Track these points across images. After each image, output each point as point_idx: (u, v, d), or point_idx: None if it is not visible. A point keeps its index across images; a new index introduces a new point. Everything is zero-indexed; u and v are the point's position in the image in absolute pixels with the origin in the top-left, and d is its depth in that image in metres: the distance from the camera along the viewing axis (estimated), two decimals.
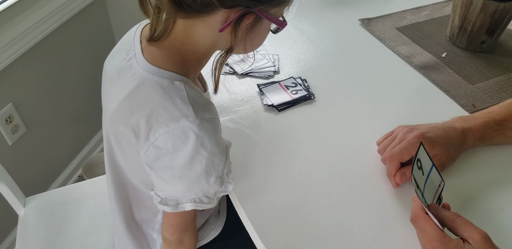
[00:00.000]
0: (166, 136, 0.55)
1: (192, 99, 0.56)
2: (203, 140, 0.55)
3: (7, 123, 1.25)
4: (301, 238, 0.59)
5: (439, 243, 0.50)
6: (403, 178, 0.65)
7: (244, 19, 0.53)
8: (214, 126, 0.57)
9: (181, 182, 0.58)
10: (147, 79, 0.57)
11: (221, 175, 0.60)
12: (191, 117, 0.55)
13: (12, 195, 0.96)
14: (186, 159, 0.56)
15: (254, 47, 0.62)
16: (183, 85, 0.57)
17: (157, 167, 0.59)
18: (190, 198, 0.60)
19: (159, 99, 0.56)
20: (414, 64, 0.92)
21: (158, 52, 0.59)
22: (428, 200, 0.56)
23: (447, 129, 0.68)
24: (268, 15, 0.55)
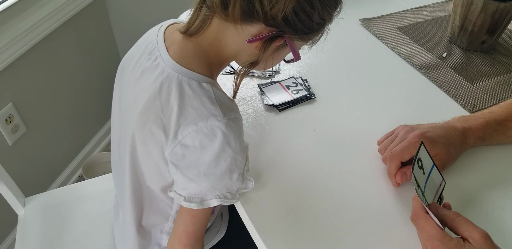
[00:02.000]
0: (194, 134, 0.57)
1: (219, 100, 0.59)
2: (229, 138, 0.57)
3: (7, 123, 1.25)
4: (302, 237, 0.59)
5: (440, 242, 0.50)
6: (403, 178, 0.65)
7: (276, 41, 0.57)
8: (239, 125, 0.60)
9: (207, 179, 0.60)
10: (176, 79, 0.59)
11: (242, 172, 0.61)
12: (219, 116, 0.57)
13: (11, 195, 0.96)
14: (212, 156, 0.58)
15: (267, 67, 0.65)
16: (210, 87, 0.59)
17: (183, 164, 0.60)
18: (214, 194, 0.61)
19: (189, 99, 0.58)
20: (415, 64, 0.92)
21: (185, 51, 0.61)
22: (429, 199, 0.56)
23: (448, 129, 0.68)
24: (292, 43, 0.59)
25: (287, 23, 0.55)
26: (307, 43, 0.63)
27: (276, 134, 0.76)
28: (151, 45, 0.64)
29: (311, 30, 0.58)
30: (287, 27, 0.55)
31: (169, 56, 0.60)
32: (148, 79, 0.62)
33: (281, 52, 0.62)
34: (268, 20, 0.54)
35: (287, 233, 0.60)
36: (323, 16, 0.57)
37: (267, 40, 0.57)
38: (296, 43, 0.60)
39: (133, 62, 0.66)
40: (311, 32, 0.59)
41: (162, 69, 0.60)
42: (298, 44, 0.62)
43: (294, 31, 0.56)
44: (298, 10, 0.54)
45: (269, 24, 0.55)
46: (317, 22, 0.57)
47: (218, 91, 0.60)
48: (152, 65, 0.62)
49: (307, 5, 0.54)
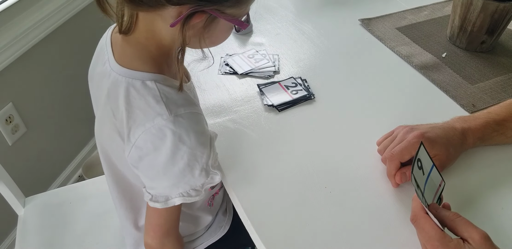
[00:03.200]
0: (144, 136, 0.57)
1: (165, 97, 0.57)
2: (181, 135, 0.56)
3: (7, 123, 1.25)
4: (301, 237, 0.59)
5: (439, 242, 0.50)
6: (403, 178, 0.65)
7: (193, 18, 0.53)
8: (190, 120, 0.58)
9: (166, 178, 0.60)
10: (121, 82, 0.58)
11: (206, 167, 0.60)
12: (165, 115, 0.56)
13: (11, 195, 0.96)
14: (167, 156, 0.57)
15: (210, 45, 0.62)
16: (154, 84, 0.58)
17: (142, 166, 0.60)
18: (178, 192, 0.61)
19: (134, 100, 0.57)
20: (414, 64, 0.92)
21: (127, 51, 0.60)
22: (429, 200, 0.56)
23: (447, 129, 0.68)
24: (225, 15, 0.55)
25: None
26: (242, 6, 0.56)
27: (276, 134, 0.76)
28: (103, 49, 0.65)
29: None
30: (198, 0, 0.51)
31: (114, 60, 0.60)
32: (101, 85, 0.63)
33: (214, 28, 0.57)
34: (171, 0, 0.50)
35: (286, 233, 0.60)
36: None
37: (185, 19, 0.52)
38: (229, 12, 0.55)
39: (95, 69, 0.67)
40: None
41: (109, 73, 0.60)
42: (233, 11, 0.55)
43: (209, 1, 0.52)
44: None
45: (176, 3, 0.51)
46: None
47: (164, 87, 0.58)
48: (102, 70, 0.62)
49: None
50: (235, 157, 0.72)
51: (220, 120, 0.79)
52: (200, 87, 0.87)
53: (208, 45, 0.61)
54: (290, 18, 1.09)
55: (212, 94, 0.85)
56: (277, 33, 1.03)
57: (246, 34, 1.03)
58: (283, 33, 1.03)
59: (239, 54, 0.95)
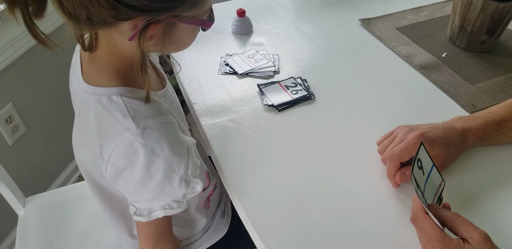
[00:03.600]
0: (116, 153, 0.56)
1: (132, 110, 0.56)
2: (153, 148, 0.55)
3: (7, 123, 1.25)
4: (301, 238, 0.59)
5: (439, 242, 0.50)
6: (403, 178, 0.65)
7: (149, 29, 0.51)
8: (161, 131, 0.57)
9: (146, 192, 0.59)
10: (88, 100, 0.58)
11: (185, 177, 0.59)
12: (132, 129, 0.55)
13: (11, 195, 0.96)
14: (143, 170, 0.56)
15: (178, 50, 0.61)
16: (120, 98, 0.57)
17: (120, 182, 0.60)
18: (160, 205, 0.60)
19: (102, 117, 0.57)
20: (414, 64, 0.92)
21: (93, 68, 0.60)
22: (429, 200, 0.56)
23: (447, 129, 0.68)
24: (183, 19, 0.53)
25: (138, 10, 0.48)
26: (198, 7, 0.53)
27: (276, 134, 0.76)
28: (74, 66, 0.64)
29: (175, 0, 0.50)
30: (147, 12, 0.49)
31: (82, 78, 0.60)
32: (74, 102, 0.62)
33: (175, 33, 0.55)
34: (120, 17, 0.48)
35: (286, 233, 0.60)
36: None
37: (141, 31, 0.50)
38: (187, 14, 0.53)
39: (70, 85, 0.66)
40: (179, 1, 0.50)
41: (78, 92, 0.60)
42: (191, 13, 0.53)
43: (160, 10, 0.49)
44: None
45: (126, 18, 0.49)
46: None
47: (131, 100, 0.57)
48: (73, 88, 0.62)
49: None
50: (235, 157, 0.72)
51: (220, 120, 0.79)
52: (200, 87, 0.87)
53: (175, 51, 0.61)
54: (290, 18, 1.09)
55: (212, 94, 0.85)
56: (277, 33, 1.03)
57: (246, 34, 1.03)
58: (283, 33, 1.03)
59: (239, 54, 0.95)
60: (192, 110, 0.83)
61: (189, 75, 0.90)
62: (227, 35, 1.03)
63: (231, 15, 1.02)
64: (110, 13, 0.47)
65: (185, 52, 0.96)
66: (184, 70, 0.92)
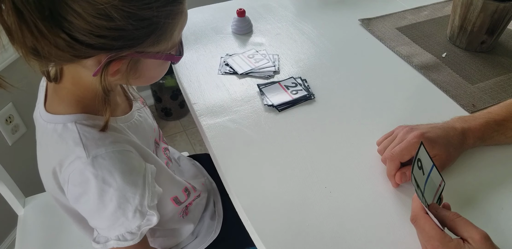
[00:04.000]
0: (71, 179, 0.56)
1: (85, 138, 0.55)
2: (104, 177, 0.54)
3: (7, 123, 1.25)
4: (301, 238, 0.59)
5: (439, 242, 0.50)
6: (403, 178, 0.65)
7: (111, 66, 0.50)
8: (113, 160, 0.55)
9: (101, 220, 0.58)
10: (46, 128, 0.58)
11: (141, 208, 0.58)
12: (83, 158, 0.54)
13: (11, 195, 0.96)
14: (95, 199, 0.55)
15: (146, 83, 0.60)
16: (75, 126, 0.56)
17: (80, 207, 0.60)
18: (115, 235, 0.59)
19: (57, 145, 0.56)
20: (414, 64, 0.92)
21: (55, 97, 0.60)
22: (429, 200, 0.56)
23: (447, 129, 0.68)
24: (149, 54, 0.51)
25: (98, 48, 0.47)
26: (163, 42, 0.52)
27: (276, 134, 0.76)
28: (39, 93, 0.64)
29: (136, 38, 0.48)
30: (109, 50, 0.47)
31: (43, 106, 0.60)
32: (36, 130, 0.62)
33: (142, 67, 0.54)
34: (81, 54, 0.47)
35: (286, 233, 0.60)
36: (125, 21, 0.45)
37: (104, 67, 0.50)
38: (152, 49, 0.51)
39: (34, 113, 0.66)
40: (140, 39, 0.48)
41: (38, 120, 0.60)
42: (158, 48, 0.52)
43: (123, 47, 0.48)
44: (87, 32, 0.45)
45: (87, 56, 0.48)
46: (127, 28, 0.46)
47: (85, 128, 0.56)
48: (35, 115, 0.62)
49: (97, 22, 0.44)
50: (235, 157, 0.72)
51: (220, 120, 0.79)
52: (200, 87, 0.87)
53: (144, 84, 0.60)
54: (290, 18, 1.09)
55: (212, 94, 0.85)
56: (277, 33, 1.03)
57: (246, 34, 1.03)
58: (283, 33, 1.03)
59: (239, 54, 0.95)
60: (192, 110, 0.83)
61: (189, 75, 0.90)
62: (227, 35, 1.03)
63: (231, 15, 1.02)
64: (70, 53, 0.46)
65: (185, 52, 0.96)
66: (184, 70, 0.92)
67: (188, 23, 0.59)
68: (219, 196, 0.92)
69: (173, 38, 0.53)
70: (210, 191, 0.93)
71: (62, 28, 0.44)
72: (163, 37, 0.50)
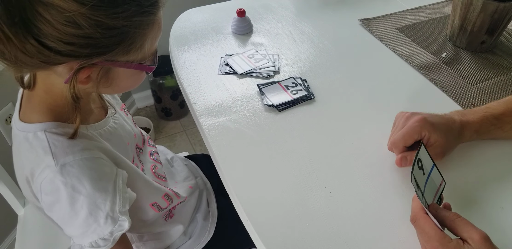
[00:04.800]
0: (43, 188, 0.56)
1: (54, 146, 0.56)
2: (73, 185, 0.55)
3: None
4: (301, 238, 0.59)
5: (439, 243, 0.50)
6: (403, 162, 0.66)
7: (80, 74, 0.50)
8: (81, 167, 0.56)
9: (74, 228, 0.58)
10: (18, 137, 0.59)
11: (112, 214, 0.58)
12: (51, 166, 0.55)
13: (11, 195, 0.96)
14: (67, 207, 0.56)
15: (120, 91, 0.60)
16: (44, 134, 0.57)
17: (53, 215, 0.60)
18: (88, 242, 0.59)
19: (28, 154, 0.57)
20: (414, 64, 0.92)
21: (28, 105, 0.60)
22: (429, 200, 0.56)
23: (446, 119, 0.68)
24: (120, 63, 0.52)
25: (67, 55, 0.47)
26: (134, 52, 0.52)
27: (276, 134, 0.76)
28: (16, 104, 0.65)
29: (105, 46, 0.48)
30: (76, 58, 0.48)
31: (18, 115, 0.61)
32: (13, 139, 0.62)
33: (115, 75, 0.55)
34: (50, 61, 0.48)
35: (286, 233, 0.60)
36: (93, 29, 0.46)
37: (73, 75, 0.50)
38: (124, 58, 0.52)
39: None
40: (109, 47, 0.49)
41: (13, 129, 0.60)
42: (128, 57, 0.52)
43: (89, 56, 0.48)
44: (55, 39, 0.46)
45: (56, 63, 0.49)
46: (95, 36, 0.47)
47: (54, 136, 0.56)
48: (11, 125, 0.62)
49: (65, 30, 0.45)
50: (235, 157, 0.72)
51: (220, 120, 0.79)
52: (200, 87, 0.87)
53: (117, 92, 0.60)
54: (290, 18, 1.09)
55: (212, 94, 0.85)
56: (277, 33, 1.03)
57: (246, 34, 1.03)
58: (283, 33, 1.03)
59: (239, 54, 0.95)
60: (192, 110, 0.83)
61: (189, 75, 0.90)
62: (227, 35, 1.03)
63: (231, 15, 1.02)
64: (39, 59, 0.47)
65: (185, 52, 0.97)
66: (184, 70, 0.92)
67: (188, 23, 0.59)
68: (213, 196, 0.92)
69: (144, 48, 0.53)
70: (203, 191, 0.92)
71: (31, 34, 0.45)
72: (133, 46, 0.51)
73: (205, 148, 0.81)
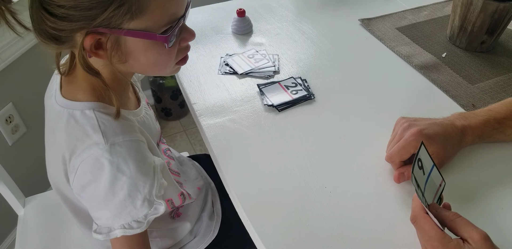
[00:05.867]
0: (83, 166, 0.56)
1: (103, 125, 0.56)
2: (119, 165, 0.55)
3: (7, 123, 1.25)
4: (301, 238, 0.59)
5: (439, 242, 0.50)
6: (401, 178, 0.65)
7: (84, 42, 0.50)
8: (129, 148, 0.57)
9: (108, 209, 0.58)
10: (62, 113, 0.59)
11: (149, 197, 0.59)
12: (101, 144, 0.55)
13: (11, 195, 0.96)
14: (106, 186, 0.56)
15: (146, 70, 0.60)
16: (93, 113, 0.57)
17: (85, 196, 0.60)
18: (120, 224, 0.59)
19: (72, 131, 0.57)
20: (414, 64, 0.92)
21: (72, 84, 0.61)
22: (429, 199, 0.56)
23: (446, 126, 0.68)
24: (129, 31, 0.50)
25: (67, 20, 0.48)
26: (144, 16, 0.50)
27: (276, 134, 0.76)
28: (53, 81, 0.65)
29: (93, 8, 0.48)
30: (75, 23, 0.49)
31: (59, 92, 0.61)
32: (49, 117, 0.63)
33: (126, 47, 0.53)
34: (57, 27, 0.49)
35: (286, 233, 0.60)
36: None
37: (81, 45, 0.51)
38: (134, 26, 0.50)
39: (46, 100, 0.67)
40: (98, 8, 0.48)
41: (53, 106, 0.60)
42: (139, 24, 0.50)
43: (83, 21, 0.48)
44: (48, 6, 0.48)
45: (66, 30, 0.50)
46: None
47: (103, 116, 0.57)
48: (50, 102, 0.62)
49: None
50: (235, 157, 0.72)
51: (220, 120, 0.79)
52: (200, 87, 0.87)
53: (139, 70, 0.60)
54: (290, 18, 1.09)
55: (212, 94, 0.85)
56: (277, 33, 1.03)
57: (246, 34, 1.03)
58: (283, 33, 1.03)
59: (239, 54, 0.95)
60: (192, 110, 0.83)
61: (189, 75, 0.90)
62: (227, 35, 1.03)
63: (231, 15, 1.02)
64: (49, 26, 0.50)
65: None
66: (184, 70, 0.92)
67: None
68: (217, 196, 0.92)
69: (150, 14, 0.50)
70: (208, 191, 0.93)
71: (42, 4, 0.49)
72: (130, 9, 0.48)
73: (205, 148, 0.81)
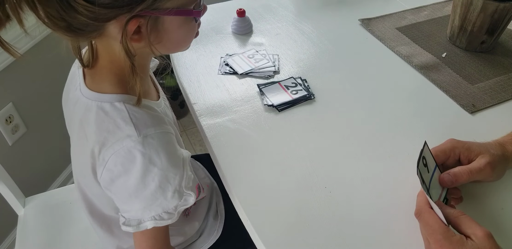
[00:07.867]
0: (114, 158, 0.56)
1: (134, 118, 0.57)
2: (151, 156, 0.56)
3: (7, 123, 1.25)
4: (301, 238, 0.59)
5: (442, 236, 0.50)
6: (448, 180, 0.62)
7: (128, 26, 0.50)
8: (160, 140, 0.57)
9: (138, 201, 0.58)
10: (91, 106, 0.58)
11: (179, 188, 0.59)
12: (133, 136, 0.55)
13: (11, 195, 0.96)
14: (138, 178, 0.56)
15: (177, 47, 0.60)
16: (123, 105, 0.57)
17: (114, 189, 0.60)
18: (150, 216, 0.59)
19: (103, 123, 0.57)
20: (414, 64, 0.92)
21: (96, 76, 0.60)
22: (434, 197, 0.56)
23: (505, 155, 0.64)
24: (166, 10, 0.51)
25: (110, 7, 0.47)
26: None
27: (276, 134, 0.76)
28: (75, 75, 0.65)
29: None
30: (119, 9, 0.48)
31: (84, 85, 0.61)
32: (74, 110, 0.63)
33: (164, 27, 0.54)
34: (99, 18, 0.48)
35: (286, 233, 0.60)
36: None
37: (123, 31, 0.50)
38: (170, 5, 0.51)
39: (67, 94, 0.67)
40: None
41: (80, 98, 0.60)
42: (174, 3, 0.51)
43: (130, 5, 0.48)
44: None
45: (105, 19, 0.49)
46: None
47: (133, 108, 0.58)
48: (74, 95, 0.62)
49: None
50: (235, 157, 0.72)
51: (220, 120, 0.79)
52: (200, 87, 0.87)
53: (171, 50, 0.60)
54: (290, 18, 1.09)
55: (212, 94, 0.85)
56: (277, 33, 1.03)
57: (246, 34, 1.03)
58: (283, 33, 1.03)
59: (239, 54, 0.95)
60: (192, 110, 0.83)
61: (189, 75, 0.90)
62: (227, 35, 1.03)
63: (231, 15, 1.02)
64: (89, 17, 0.48)
65: (185, 52, 0.96)
66: (184, 70, 0.92)
67: None
68: (220, 197, 0.93)
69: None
70: (213, 191, 0.93)
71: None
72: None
73: (205, 148, 0.81)
